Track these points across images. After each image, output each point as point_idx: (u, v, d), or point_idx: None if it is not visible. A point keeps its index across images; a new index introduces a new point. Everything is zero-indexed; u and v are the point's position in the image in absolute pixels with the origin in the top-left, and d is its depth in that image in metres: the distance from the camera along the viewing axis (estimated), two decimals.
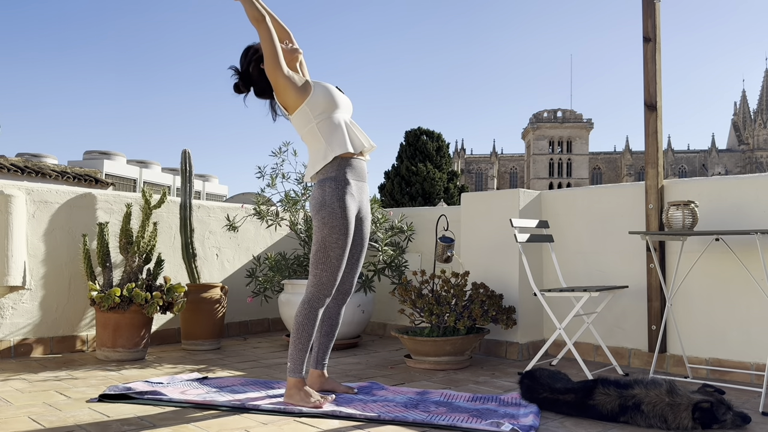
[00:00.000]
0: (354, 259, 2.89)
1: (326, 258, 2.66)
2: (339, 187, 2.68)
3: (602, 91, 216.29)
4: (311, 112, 2.71)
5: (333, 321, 2.95)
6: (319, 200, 2.68)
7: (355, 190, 2.74)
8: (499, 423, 2.37)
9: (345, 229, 2.66)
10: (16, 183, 3.92)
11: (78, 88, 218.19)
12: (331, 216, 2.65)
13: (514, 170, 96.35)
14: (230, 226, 4.61)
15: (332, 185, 2.68)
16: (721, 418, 2.36)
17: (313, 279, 2.68)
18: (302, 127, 2.76)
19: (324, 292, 2.68)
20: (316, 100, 2.72)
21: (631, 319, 3.78)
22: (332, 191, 2.67)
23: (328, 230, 2.65)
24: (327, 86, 2.80)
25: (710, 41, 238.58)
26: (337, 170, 2.70)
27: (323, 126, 2.72)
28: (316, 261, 2.68)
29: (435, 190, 34.62)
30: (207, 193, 36.76)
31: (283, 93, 2.72)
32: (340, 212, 2.65)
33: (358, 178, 2.77)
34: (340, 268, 2.69)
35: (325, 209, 2.65)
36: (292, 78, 2.72)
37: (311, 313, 2.68)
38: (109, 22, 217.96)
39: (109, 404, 2.69)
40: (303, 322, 2.67)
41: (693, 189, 3.59)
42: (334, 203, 2.65)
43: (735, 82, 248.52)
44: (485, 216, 4.18)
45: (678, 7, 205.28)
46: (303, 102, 2.71)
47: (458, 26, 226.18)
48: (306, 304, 2.68)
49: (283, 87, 2.71)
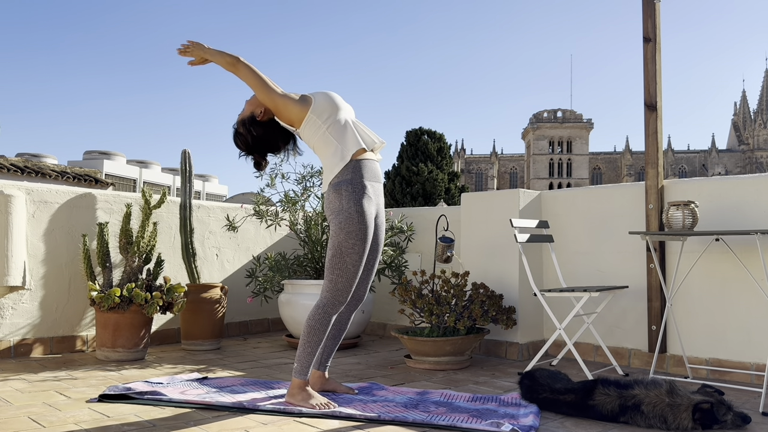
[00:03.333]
0: (369, 265, 2.84)
1: (342, 263, 2.61)
2: (356, 190, 2.63)
3: (602, 91, 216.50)
4: (318, 119, 2.69)
5: (342, 326, 2.92)
6: (336, 205, 2.64)
7: (372, 193, 2.69)
8: (499, 423, 2.37)
9: (363, 235, 2.62)
10: (16, 183, 3.92)
11: (78, 88, 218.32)
12: (348, 221, 2.60)
13: (514, 170, 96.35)
14: (230, 226, 4.61)
15: (348, 188, 2.63)
16: (722, 419, 2.36)
17: (329, 284, 2.64)
18: (313, 136, 2.72)
19: (339, 298, 2.65)
20: (320, 107, 2.70)
21: (631, 319, 3.78)
22: (349, 195, 2.62)
23: (345, 235, 2.60)
24: (325, 92, 2.79)
25: (710, 41, 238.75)
26: (352, 173, 2.65)
27: (333, 129, 2.69)
28: (332, 266, 2.63)
29: (436, 191, 34.60)
30: (207, 193, 36.77)
31: (285, 111, 2.71)
32: (357, 217, 2.61)
33: (374, 179, 2.73)
34: (356, 274, 2.64)
35: (342, 214, 2.61)
36: (288, 95, 2.72)
37: (325, 318, 2.65)
38: (110, 22, 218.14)
39: (109, 404, 2.69)
40: (315, 326, 2.64)
41: (693, 189, 3.59)
42: (351, 208, 2.61)
43: (735, 82, 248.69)
44: (485, 216, 4.18)
45: (678, 7, 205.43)
46: (308, 111, 2.68)
47: (458, 26, 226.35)
48: (320, 308, 2.65)
49: (283, 105, 2.70)
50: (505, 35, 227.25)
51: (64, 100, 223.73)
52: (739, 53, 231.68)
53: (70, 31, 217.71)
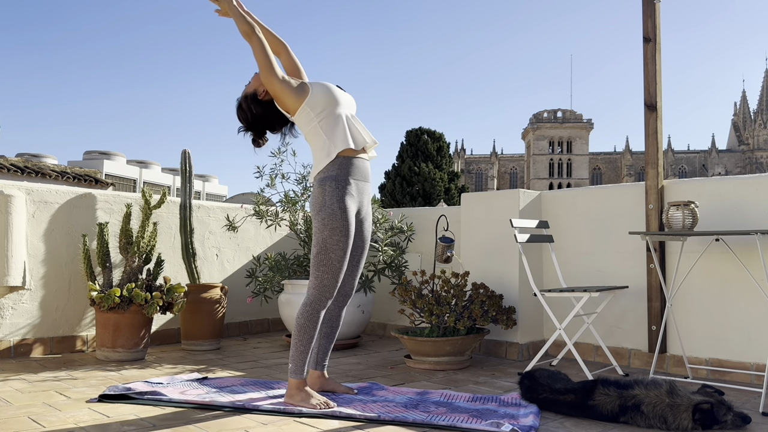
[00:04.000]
0: (355, 261, 2.88)
1: (327, 260, 2.65)
2: (339, 186, 2.67)
3: (602, 91, 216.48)
4: (312, 111, 2.71)
5: (333, 323, 2.94)
6: (319, 201, 2.68)
7: (355, 190, 2.73)
8: (499, 423, 2.37)
9: (345, 231, 2.65)
10: (16, 183, 3.92)
11: (78, 88, 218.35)
12: (331, 217, 2.64)
13: (514, 170, 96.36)
14: (230, 226, 4.61)
15: (332, 185, 2.67)
16: (722, 419, 2.36)
17: (315, 281, 2.67)
18: (305, 127, 2.76)
19: (326, 294, 2.67)
20: (315, 99, 2.71)
21: (631, 319, 3.78)
22: (332, 191, 2.66)
23: (329, 232, 2.64)
24: (326, 84, 2.80)
25: (710, 41, 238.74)
26: (338, 169, 2.69)
27: (325, 123, 2.71)
28: (317, 263, 2.66)
29: (435, 191, 34.61)
30: (207, 194, 36.77)
31: (281, 97, 2.73)
32: (340, 213, 2.64)
33: (360, 178, 2.76)
34: (341, 270, 2.68)
35: (325, 210, 2.65)
36: (289, 82, 2.72)
37: (313, 315, 2.67)
38: (110, 22, 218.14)
39: (109, 404, 2.69)
40: (304, 324, 2.66)
41: (693, 189, 3.59)
42: (334, 204, 2.64)
43: (735, 82, 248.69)
44: (485, 216, 4.18)
45: (678, 7, 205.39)
46: (302, 102, 2.71)
47: (458, 26, 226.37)
48: (308, 306, 2.68)
49: (281, 91, 2.71)
50: (505, 35, 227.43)
51: (64, 100, 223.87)
52: (739, 53, 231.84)
53: (72, 31, 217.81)
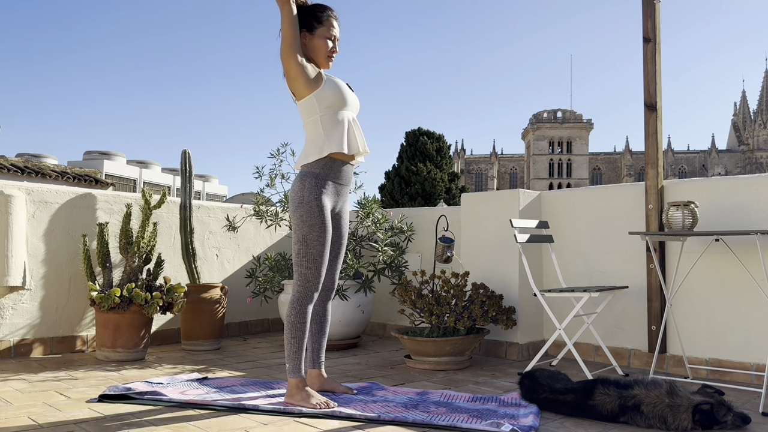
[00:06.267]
0: (333, 255, 2.93)
1: (309, 255, 2.70)
2: (318, 185, 2.71)
3: (602, 91, 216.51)
4: (318, 105, 2.73)
5: (322, 318, 2.97)
6: (297, 196, 2.71)
7: (333, 191, 2.78)
8: (499, 423, 2.37)
9: (323, 226, 2.70)
10: (16, 183, 3.92)
11: (78, 89, 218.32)
12: (309, 214, 2.68)
13: (514, 170, 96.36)
14: (230, 226, 4.61)
15: (312, 182, 2.71)
16: (722, 420, 2.36)
17: (299, 277, 2.72)
18: (306, 117, 2.78)
19: (311, 288, 2.72)
20: (324, 94, 2.73)
21: (631, 319, 3.78)
22: (311, 188, 2.70)
23: (308, 228, 2.69)
24: (338, 82, 2.81)
25: (710, 41, 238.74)
26: (323, 169, 2.73)
27: (326, 120, 2.73)
28: (299, 259, 2.71)
29: (435, 191, 34.58)
30: (207, 194, 36.77)
31: (293, 80, 2.73)
32: (317, 210, 2.69)
33: (340, 182, 2.81)
34: (323, 264, 2.73)
35: (303, 207, 2.69)
36: (305, 67, 2.72)
37: (301, 311, 2.70)
38: (110, 21, 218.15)
39: (109, 404, 2.69)
40: (294, 321, 2.70)
41: (693, 189, 3.59)
42: (311, 201, 2.69)
43: (735, 82, 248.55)
44: (485, 216, 4.18)
45: (678, 7, 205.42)
46: (311, 93, 2.72)
47: (458, 26, 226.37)
48: (295, 303, 2.71)
49: (295, 74, 2.71)
50: (506, 35, 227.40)
51: (64, 99, 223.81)
52: (739, 54, 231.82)
53: (72, 31, 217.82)
